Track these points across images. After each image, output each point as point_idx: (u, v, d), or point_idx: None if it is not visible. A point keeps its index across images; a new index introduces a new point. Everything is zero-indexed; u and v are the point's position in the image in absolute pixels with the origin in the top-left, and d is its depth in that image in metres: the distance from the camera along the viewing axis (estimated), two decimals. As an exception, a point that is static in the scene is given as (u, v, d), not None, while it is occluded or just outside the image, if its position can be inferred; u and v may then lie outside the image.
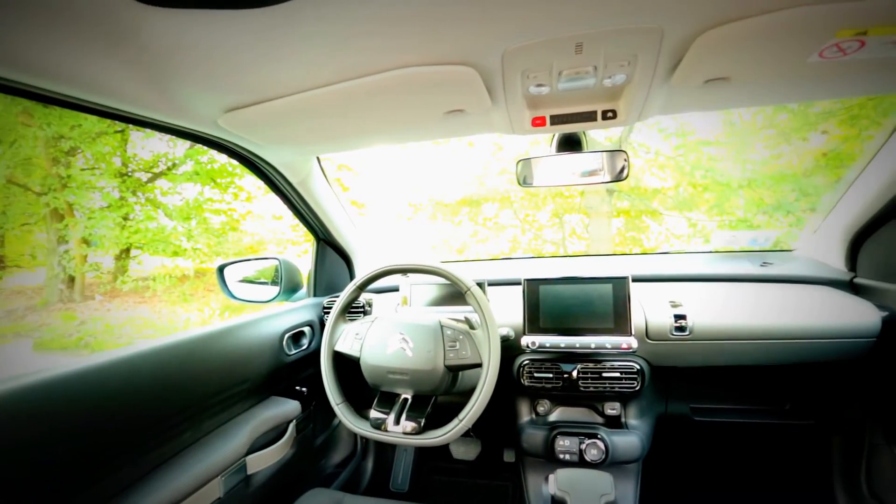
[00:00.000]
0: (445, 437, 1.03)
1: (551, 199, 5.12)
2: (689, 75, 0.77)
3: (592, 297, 1.24)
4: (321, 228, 1.60)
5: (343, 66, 0.76)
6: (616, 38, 0.68)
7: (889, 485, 1.28)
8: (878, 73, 0.76)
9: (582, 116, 0.93)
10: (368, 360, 1.12)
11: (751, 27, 0.63)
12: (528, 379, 1.29)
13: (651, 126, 4.73)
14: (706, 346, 1.24)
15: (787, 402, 1.46)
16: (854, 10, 0.60)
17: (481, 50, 0.72)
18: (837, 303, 1.25)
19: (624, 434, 1.28)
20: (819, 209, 1.52)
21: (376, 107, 0.91)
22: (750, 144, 4.95)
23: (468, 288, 1.08)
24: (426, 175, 5.95)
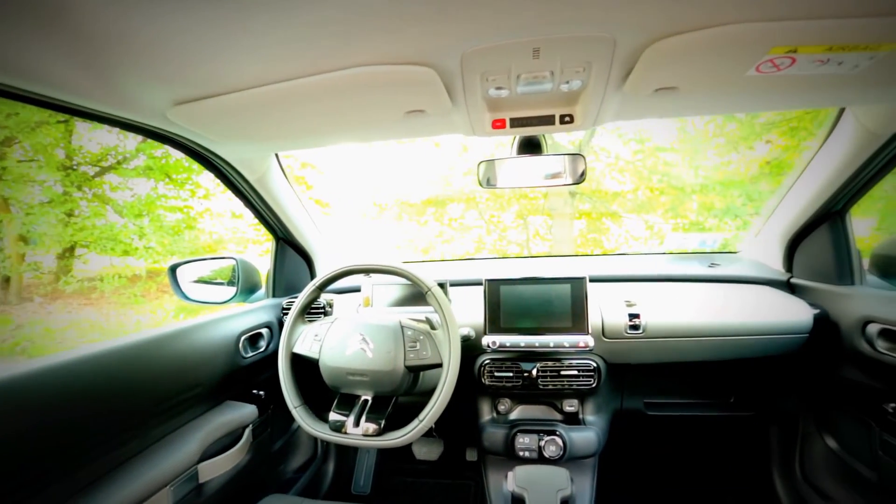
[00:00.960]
0: (406, 438, 1.02)
1: (516, 200, 5.20)
2: (640, 84, 0.80)
3: (551, 297, 1.27)
4: (280, 227, 1.56)
5: (300, 63, 0.75)
6: (571, 44, 0.70)
7: (819, 469, 1.39)
8: (807, 89, 0.82)
9: (540, 120, 0.95)
10: (327, 361, 1.10)
11: (695, 40, 0.67)
12: (488, 378, 1.31)
13: (611, 131, 4.90)
14: (658, 344, 1.30)
15: (731, 395, 1.54)
16: (786, 29, 0.64)
17: (440, 51, 0.72)
18: (775, 302, 1.33)
19: (581, 430, 1.31)
20: (762, 214, 1.62)
21: (335, 105, 0.90)
22: (702, 152, 5.22)
23: (429, 288, 1.08)
24: (392, 175, 5.91)
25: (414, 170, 5.72)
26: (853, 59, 0.70)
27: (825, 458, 1.37)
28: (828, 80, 0.78)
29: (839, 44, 0.66)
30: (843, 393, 1.29)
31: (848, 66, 0.72)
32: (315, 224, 1.69)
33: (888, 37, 0.65)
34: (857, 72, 0.74)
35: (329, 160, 5.97)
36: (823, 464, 1.37)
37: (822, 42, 0.66)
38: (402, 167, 5.81)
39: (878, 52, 0.68)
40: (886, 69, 0.74)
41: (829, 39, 0.66)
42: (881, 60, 0.70)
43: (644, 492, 1.74)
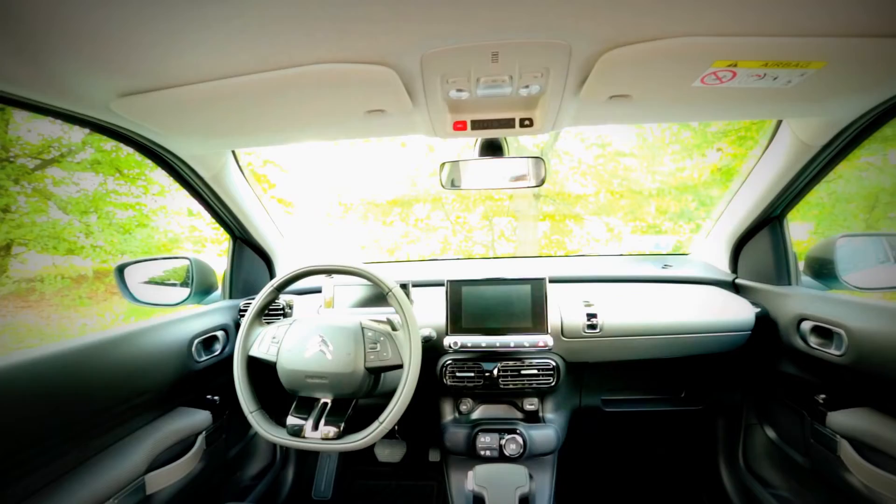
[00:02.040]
0: (366, 441, 1.02)
1: (481, 201, 5.26)
2: (595, 90, 0.83)
3: (512, 297, 1.29)
4: (237, 226, 1.51)
5: (255, 57, 0.73)
6: (529, 50, 0.71)
7: (759, 457, 1.48)
8: (747, 101, 0.88)
9: (501, 123, 0.97)
10: (285, 364, 1.07)
11: (645, 51, 0.70)
12: (450, 378, 1.31)
13: (575, 136, 5.04)
14: (614, 343, 1.34)
15: (682, 390, 1.62)
16: (727, 44, 0.68)
17: (400, 52, 0.72)
18: (722, 301, 1.40)
19: (541, 428, 1.34)
20: (711, 218, 1.71)
21: (293, 102, 0.88)
22: (659, 158, 5.46)
23: (390, 289, 1.08)
24: (358, 174, 5.84)
25: (380, 170, 5.68)
26: (787, 75, 0.75)
27: (765, 448, 1.46)
28: (765, 94, 0.83)
29: (774, 60, 0.71)
30: (780, 386, 1.38)
31: (782, 81, 0.77)
32: (275, 223, 1.65)
33: (816, 56, 0.70)
34: (790, 87, 0.79)
35: (293, 158, 5.83)
36: (763, 452, 1.46)
37: (759, 58, 0.71)
38: (368, 167, 5.76)
39: (808, 70, 0.73)
40: (815, 85, 0.80)
41: (765, 56, 0.70)
42: (811, 77, 0.76)
43: (601, 485, 1.80)
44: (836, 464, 1.10)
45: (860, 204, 4.93)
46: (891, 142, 4.55)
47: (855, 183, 4.75)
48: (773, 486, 1.40)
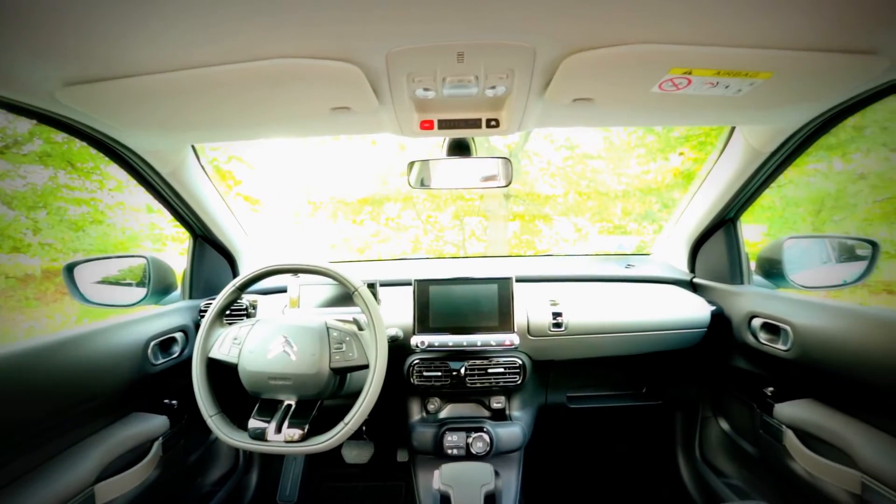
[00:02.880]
0: (331, 442, 1.00)
1: (452, 201, 5.27)
2: (559, 93, 0.84)
3: (479, 297, 1.30)
4: (198, 224, 1.46)
5: (217, 49, 0.70)
6: (494, 51, 0.72)
7: (714, 449, 1.55)
8: (702, 108, 0.92)
9: (468, 123, 0.97)
10: (247, 366, 1.04)
11: (606, 56, 0.72)
12: (417, 378, 1.31)
13: (544, 137, 5.13)
14: (579, 341, 1.38)
15: (643, 386, 1.68)
16: (683, 53, 0.71)
17: (365, 49, 0.71)
18: (680, 300, 1.46)
19: (507, 426, 1.36)
20: (671, 219, 1.77)
21: (256, 96, 0.86)
22: (625, 160, 5.62)
23: (355, 288, 1.06)
24: (328, 172, 5.74)
25: (350, 168, 5.60)
26: (737, 84, 0.79)
27: (719, 439, 1.53)
28: (718, 101, 0.87)
29: (726, 69, 0.75)
30: (733, 380, 1.45)
31: (733, 90, 0.81)
32: (238, 221, 1.60)
33: (764, 67, 0.74)
34: (741, 95, 0.83)
35: (260, 155, 5.67)
36: (718, 444, 1.53)
37: (712, 67, 0.74)
38: (339, 165, 5.67)
39: (757, 80, 0.77)
40: (763, 95, 0.84)
41: (717, 65, 0.74)
42: (759, 87, 0.80)
43: (567, 480, 1.84)
44: (781, 452, 1.16)
45: (808, 208, 5.23)
46: (835, 150, 4.86)
47: (803, 188, 5.03)
48: (726, 476, 1.47)
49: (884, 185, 4.91)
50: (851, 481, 0.95)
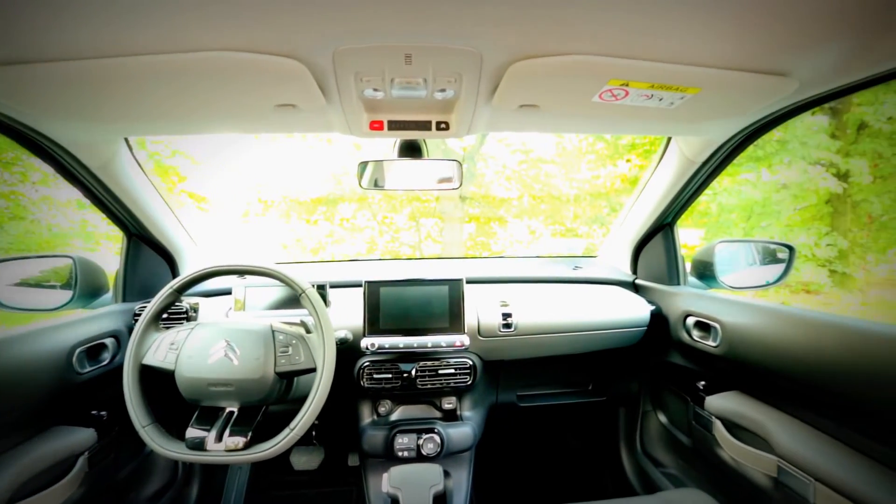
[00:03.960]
0: (275, 449, 0.97)
1: (408, 202, 5.26)
2: (505, 99, 0.86)
3: (430, 298, 1.30)
4: (132, 222, 1.37)
5: (151, 36, 0.66)
6: (441, 54, 0.73)
7: (653, 441, 1.63)
8: (639, 118, 0.97)
9: (418, 125, 0.97)
10: (185, 372, 0.99)
11: (549, 64, 0.74)
12: (367, 380, 1.30)
13: (499, 141, 5.24)
14: (528, 341, 1.41)
15: (589, 383, 1.74)
16: (620, 66, 0.75)
17: (310, 46, 0.70)
18: (623, 300, 1.53)
19: (458, 426, 1.37)
20: (616, 223, 1.86)
21: (195, 89, 0.82)
22: (577, 166, 5.85)
23: (303, 290, 1.04)
24: (280, 170, 5.56)
25: (304, 166, 5.46)
26: (669, 97, 0.84)
27: (658, 431, 1.61)
28: (653, 113, 0.92)
29: (659, 83, 0.79)
30: (670, 375, 1.54)
31: (666, 103, 0.86)
32: (179, 219, 1.52)
33: (693, 82, 0.80)
34: (673, 108, 0.89)
35: (208, 150, 5.40)
36: (656, 436, 1.62)
37: (647, 80, 0.79)
38: (292, 163, 5.51)
39: (687, 94, 0.83)
40: (693, 108, 0.90)
41: (652, 78, 0.78)
42: (689, 100, 0.86)
43: (517, 476, 1.88)
44: (711, 442, 1.24)
45: (740, 214, 5.66)
46: (763, 161, 5.29)
47: (735, 196, 5.44)
48: (664, 466, 1.55)
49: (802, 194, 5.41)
50: (769, 465, 1.03)
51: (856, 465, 0.87)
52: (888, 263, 5.66)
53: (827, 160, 5.22)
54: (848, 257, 5.58)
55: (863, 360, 0.83)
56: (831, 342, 0.90)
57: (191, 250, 1.60)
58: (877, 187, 5.29)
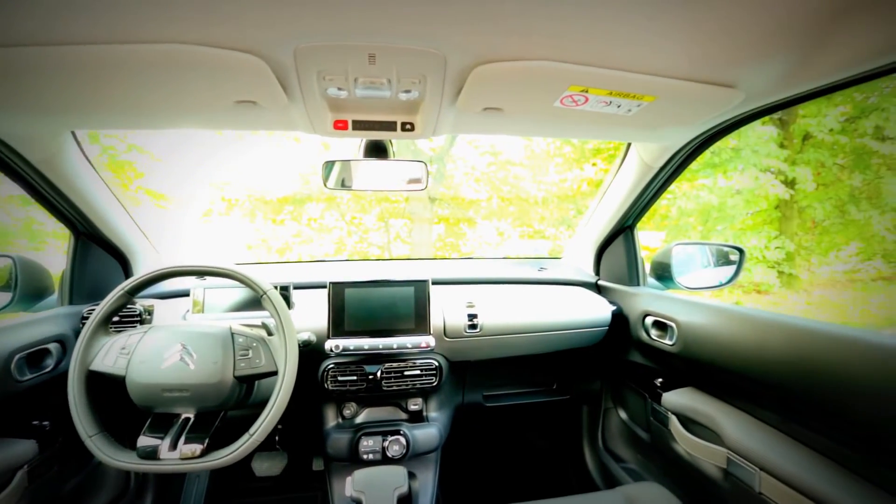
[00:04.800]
0: (234, 456, 0.94)
1: (378, 202, 5.22)
2: (469, 101, 0.87)
3: (396, 299, 1.29)
4: (80, 220, 1.30)
5: (101, 24, 0.63)
6: (405, 56, 0.73)
7: (614, 437, 1.68)
8: (599, 124, 1.00)
9: (383, 125, 0.97)
10: (137, 378, 0.95)
11: (512, 69, 0.76)
12: (332, 383, 1.28)
13: (469, 143, 5.27)
14: (493, 341, 1.42)
15: (553, 382, 1.78)
16: (580, 72, 0.77)
17: (270, 42, 0.68)
18: (586, 301, 1.57)
19: (424, 427, 1.37)
20: (580, 225, 1.90)
21: (149, 82, 0.78)
22: (545, 169, 5.96)
23: (264, 291, 1.01)
24: (246, 168, 5.40)
25: (271, 165, 5.32)
26: (627, 105, 0.87)
27: (618, 428, 1.67)
28: (612, 119, 0.96)
29: (617, 91, 0.82)
30: (630, 373, 1.59)
31: (624, 110, 0.89)
32: (133, 218, 1.45)
33: (649, 91, 0.83)
34: (631, 115, 0.92)
35: (168, 145, 5.18)
36: (617, 432, 1.67)
37: (606, 87, 0.81)
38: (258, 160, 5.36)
39: (644, 102, 0.86)
40: (650, 115, 0.94)
41: (610, 86, 0.81)
42: (646, 108, 0.89)
43: (483, 476, 1.90)
44: (667, 436, 1.29)
45: (698, 218, 5.93)
46: (718, 168, 5.55)
47: (694, 200, 5.70)
48: (624, 461, 1.61)
49: (754, 200, 5.72)
50: (720, 457, 1.08)
51: (797, 455, 0.92)
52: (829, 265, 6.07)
53: (776, 168, 5.55)
54: (794, 259, 5.95)
55: (803, 356, 0.88)
56: (776, 340, 0.95)
57: (146, 250, 1.53)
58: (819, 194, 5.67)
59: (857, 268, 6.00)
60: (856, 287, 5.91)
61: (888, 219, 5.32)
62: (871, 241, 5.61)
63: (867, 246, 5.72)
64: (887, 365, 0.73)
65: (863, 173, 5.49)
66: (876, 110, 5.16)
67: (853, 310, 5.42)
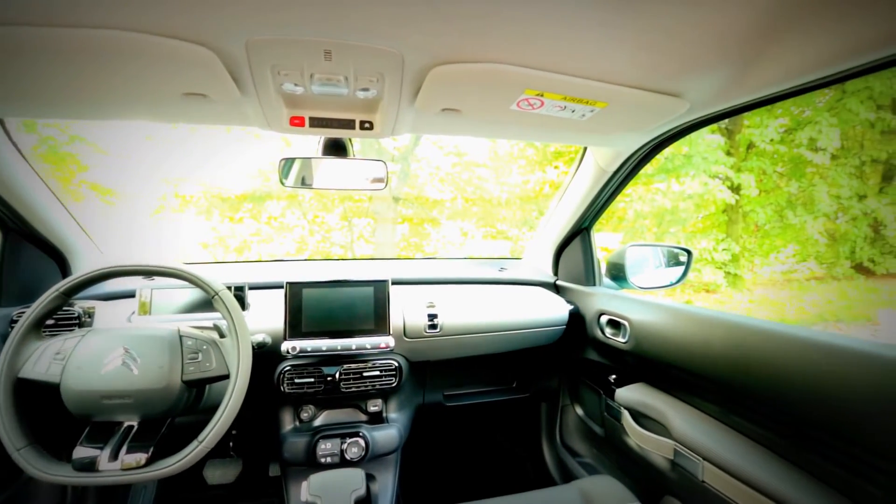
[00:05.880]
0: (181, 464, 0.90)
1: (341, 201, 5.14)
2: (428, 102, 0.87)
3: (355, 300, 1.28)
4: (10, 216, 1.20)
5: (29, 5, 0.59)
6: (363, 54, 0.72)
7: (571, 433, 1.73)
8: (555, 128, 1.02)
9: (341, 123, 0.95)
10: (73, 385, 0.88)
11: (470, 71, 0.76)
12: (289, 386, 1.25)
13: (433, 143, 5.28)
14: (454, 341, 1.43)
15: (513, 381, 1.81)
16: (536, 77, 0.78)
17: (221, 33, 0.66)
18: (544, 300, 1.61)
19: (384, 428, 1.36)
20: (540, 227, 1.95)
21: (88, 69, 0.74)
22: (508, 170, 6.06)
23: (216, 292, 0.97)
24: (202, 163, 5.17)
25: (229, 160, 5.12)
26: (581, 110, 0.90)
27: (575, 424, 1.72)
28: (567, 123, 0.98)
29: (571, 96, 0.84)
30: (586, 371, 1.64)
31: (578, 115, 0.92)
32: (72, 214, 1.36)
33: (601, 97, 0.86)
34: (585, 120, 0.95)
35: (116, 137, 4.88)
36: (574, 428, 1.72)
37: (560, 92, 0.84)
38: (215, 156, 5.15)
39: (596, 107, 0.89)
40: (602, 121, 0.97)
41: (565, 91, 0.83)
42: (599, 114, 0.92)
43: (444, 475, 1.91)
44: (620, 431, 1.34)
45: (653, 220, 6.20)
46: (671, 173, 5.82)
47: (649, 204, 5.95)
48: (581, 455, 1.65)
49: (704, 204, 6.04)
50: (667, 449, 1.14)
51: (736, 445, 0.98)
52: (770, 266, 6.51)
53: (723, 174, 5.88)
54: (739, 261, 6.33)
55: (742, 352, 0.94)
56: (718, 337, 1.01)
57: (87, 249, 1.44)
58: (761, 199, 6.07)
59: (793, 268, 6.47)
60: (792, 286, 6.36)
61: (820, 223, 5.77)
62: (805, 244, 6.06)
63: (802, 248, 6.18)
64: (812, 358, 0.79)
65: (799, 181, 5.93)
66: (810, 123, 5.58)
67: (790, 307, 5.84)
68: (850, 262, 6.14)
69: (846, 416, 0.73)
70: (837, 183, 5.71)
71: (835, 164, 5.71)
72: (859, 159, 5.83)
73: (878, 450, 0.70)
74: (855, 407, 0.72)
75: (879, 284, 6.04)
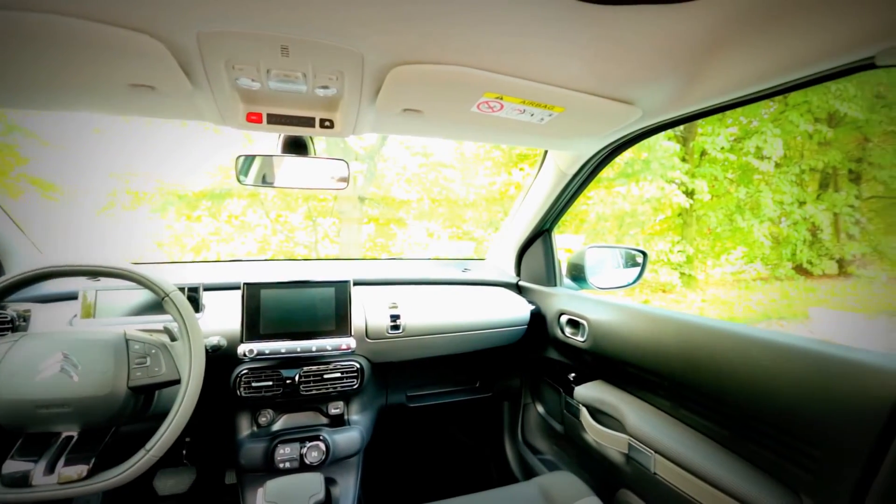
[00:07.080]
0: (126, 475, 0.85)
1: (305, 200, 5.02)
2: (389, 101, 0.87)
3: (315, 301, 1.25)
4: None
5: None
6: (321, 51, 0.71)
7: (532, 430, 1.76)
8: (515, 131, 1.04)
9: (300, 121, 0.93)
10: (3, 393, 0.82)
11: (430, 72, 0.77)
12: (245, 389, 1.21)
13: (400, 143, 5.25)
14: (416, 342, 1.43)
15: (476, 381, 1.82)
16: (495, 80, 0.80)
17: (168, 23, 0.63)
18: (507, 301, 1.63)
19: (345, 431, 1.33)
20: (503, 228, 1.97)
21: (22, 55, 0.69)
22: (475, 171, 6.11)
23: (166, 293, 0.93)
24: (156, 158, 4.92)
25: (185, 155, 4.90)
26: (540, 114, 0.92)
27: (536, 422, 1.75)
28: (526, 127, 1.00)
29: (529, 100, 0.86)
30: (547, 369, 1.68)
31: (537, 118, 0.94)
32: (6, 210, 1.27)
33: (558, 102, 0.88)
34: (543, 124, 0.98)
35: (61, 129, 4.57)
36: (535, 425, 1.76)
37: (519, 96, 0.85)
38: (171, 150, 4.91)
39: (554, 112, 0.91)
40: (560, 126, 1.00)
41: (523, 95, 0.85)
42: (557, 118, 0.95)
43: (407, 476, 1.90)
44: (579, 427, 1.38)
45: (613, 222, 6.42)
46: (631, 177, 6.05)
47: (610, 206, 6.15)
48: (542, 452, 1.69)
49: (661, 207, 6.31)
50: (622, 444, 1.18)
51: (685, 438, 1.03)
52: (721, 267, 6.88)
53: (679, 180, 6.16)
54: (693, 262, 6.65)
55: (690, 348, 0.98)
56: (669, 335, 1.06)
57: (23, 248, 1.35)
58: (713, 204, 6.41)
59: (742, 269, 6.86)
60: (741, 286, 6.75)
61: (766, 227, 6.15)
62: (752, 247, 6.44)
63: (750, 250, 6.56)
64: (752, 354, 0.84)
65: (746, 187, 6.30)
66: (757, 133, 5.95)
67: (738, 306, 6.18)
68: (791, 264, 6.58)
69: (781, 407, 0.78)
70: (780, 189, 6.11)
71: (778, 171, 6.11)
72: (799, 168, 6.26)
73: (809, 438, 0.75)
74: (788, 399, 0.77)
75: (816, 284, 6.51)
